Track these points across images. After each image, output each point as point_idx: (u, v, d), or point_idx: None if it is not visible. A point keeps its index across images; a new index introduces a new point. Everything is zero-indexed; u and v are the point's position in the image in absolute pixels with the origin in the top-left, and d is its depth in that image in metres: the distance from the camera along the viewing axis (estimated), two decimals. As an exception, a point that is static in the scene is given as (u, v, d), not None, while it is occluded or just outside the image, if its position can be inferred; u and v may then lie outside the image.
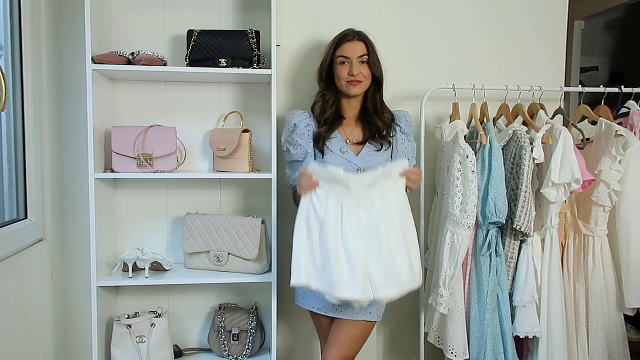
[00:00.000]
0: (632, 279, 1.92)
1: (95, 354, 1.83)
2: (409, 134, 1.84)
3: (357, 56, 1.74)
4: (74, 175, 2.02)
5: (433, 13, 2.23)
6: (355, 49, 1.75)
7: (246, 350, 2.01)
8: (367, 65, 1.76)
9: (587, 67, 4.00)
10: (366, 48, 1.76)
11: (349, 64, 1.74)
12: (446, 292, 1.83)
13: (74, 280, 2.06)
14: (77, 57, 1.95)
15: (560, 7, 2.30)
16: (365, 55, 1.75)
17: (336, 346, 1.69)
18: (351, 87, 1.75)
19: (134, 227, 2.07)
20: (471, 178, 1.78)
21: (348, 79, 1.74)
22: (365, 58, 1.75)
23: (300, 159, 1.78)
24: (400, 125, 1.82)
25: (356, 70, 1.73)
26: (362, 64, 1.75)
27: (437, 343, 1.93)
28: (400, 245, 1.56)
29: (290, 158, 1.80)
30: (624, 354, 1.98)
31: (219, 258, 1.95)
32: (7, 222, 1.77)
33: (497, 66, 2.26)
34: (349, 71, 1.74)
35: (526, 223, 1.79)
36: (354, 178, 1.55)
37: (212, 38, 1.86)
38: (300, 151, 1.77)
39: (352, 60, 1.74)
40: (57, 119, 2.01)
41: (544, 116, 1.98)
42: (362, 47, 1.76)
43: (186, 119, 2.05)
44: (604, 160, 1.89)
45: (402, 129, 1.82)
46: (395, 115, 1.84)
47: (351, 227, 1.55)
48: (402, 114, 1.85)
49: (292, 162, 1.80)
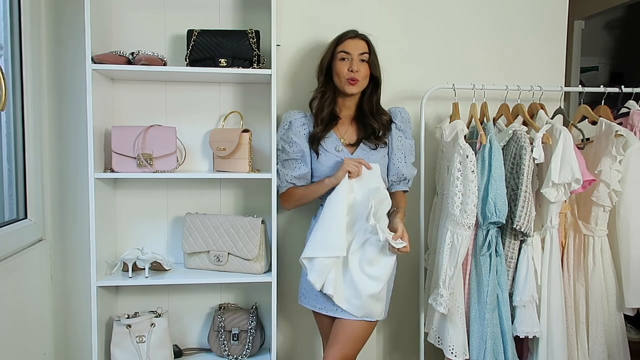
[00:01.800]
0: (632, 279, 1.92)
1: (95, 354, 1.83)
2: (405, 131, 1.84)
3: (359, 53, 1.75)
4: (74, 175, 2.02)
5: (433, 13, 2.23)
6: (357, 45, 1.76)
7: (246, 350, 2.01)
8: (367, 64, 1.76)
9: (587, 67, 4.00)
10: (367, 47, 1.78)
11: (350, 60, 1.74)
12: (446, 292, 1.83)
13: (74, 280, 2.06)
14: (77, 57, 1.95)
15: (560, 7, 2.30)
16: (366, 54, 1.76)
17: (336, 345, 1.69)
18: (349, 86, 1.75)
19: (134, 227, 2.07)
20: (471, 178, 1.78)
21: (348, 76, 1.74)
22: (365, 57, 1.76)
23: (297, 157, 1.78)
24: (395, 122, 1.83)
25: (356, 66, 1.73)
26: (362, 62, 1.75)
27: (437, 343, 1.92)
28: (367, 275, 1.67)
29: (286, 157, 1.80)
30: (624, 354, 1.98)
31: (219, 258, 1.95)
32: (7, 222, 1.77)
33: (497, 66, 2.26)
34: (349, 67, 1.74)
35: (526, 223, 1.79)
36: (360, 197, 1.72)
37: (212, 38, 1.86)
38: (296, 149, 1.77)
39: (352, 57, 1.75)
40: (57, 119, 2.01)
41: (544, 116, 1.98)
42: (363, 45, 1.77)
43: (186, 119, 2.05)
44: (604, 160, 1.88)
45: (397, 125, 1.82)
46: (391, 112, 1.84)
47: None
48: (397, 111, 1.85)
49: (287, 160, 1.80)
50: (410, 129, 1.87)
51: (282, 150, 1.81)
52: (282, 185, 1.83)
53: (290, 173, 1.80)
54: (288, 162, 1.80)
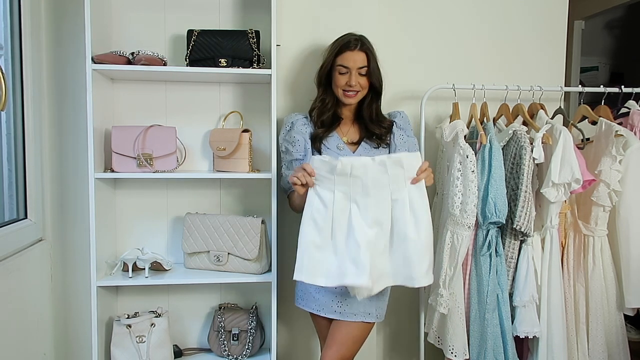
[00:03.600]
0: (632, 279, 1.92)
1: (95, 354, 1.83)
2: (406, 129, 1.83)
3: (357, 67, 1.73)
4: (74, 175, 2.02)
5: (433, 13, 2.23)
6: (356, 59, 1.73)
7: (246, 350, 2.01)
8: (366, 76, 1.75)
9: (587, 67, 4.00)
10: (367, 59, 1.74)
11: (348, 74, 1.74)
12: (446, 292, 1.83)
13: (74, 280, 2.06)
14: (77, 57, 1.95)
15: (560, 7, 2.30)
16: (365, 67, 1.74)
17: (334, 347, 1.69)
18: (347, 98, 1.76)
19: (134, 227, 2.07)
20: (471, 178, 1.78)
21: (345, 88, 1.74)
22: (364, 70, 1.74)
23: (300, 157, 1.78)
24: (396, 121, 1.82)
25: (354, 81, 1.73)
26: (361, 75, 1.74)
27: (437, 343, 1.92)
28: (408, 239, 1.53)
29: (289, 157, 1.79)
30: (624, 354, 1.98)
31: (219, 258, 1.95)
32: (7, 222, 1.77)
33: (497, 66, 2.26)
34: (347, 81, 1.73)
35: (526, 223, 1.79)
36: (357, 165, 1.51)
37: (212, 38, 1.86)
38: (299, 148, 1.77)
39: (351, 71, 1.73)
40: (57, 119, 2.01)
41: (544, 116, 1.98)
42: (362, 57, 1.74)
43: (186, 119, 2.05)
44: (604, 160, 1.88)
45: (398, 124, 1.82)
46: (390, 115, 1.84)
47: (358, 218, 1.53)
48: (397, 112, 1.86)
49: (291, 161, 1.80)
50: (411, 129, 1.87)
51: (285, 152, 1.81)
52: (287, 188, 1.82)
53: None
54: (291, 163, 1.80)
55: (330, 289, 1.70)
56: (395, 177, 1.53)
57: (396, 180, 1.53)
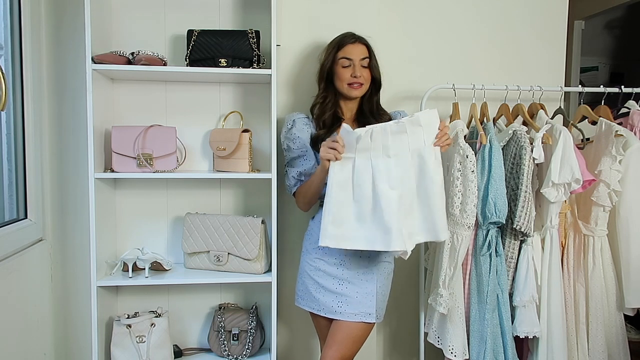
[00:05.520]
0: (632, 279, 1.92)
1: (95, 354, 1.83)
2: None
3: (360, 58, 1.76)
4: (74, 175, 2.02)
5: (433, 13, 2.23)
6: (358, 51, 1.76)
7: (246, 350, 2.01)
8: (368, 68, 1.77)
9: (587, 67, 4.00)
10: (368, 51, 1.78)
11: (352, 66, 1.75)
12: (446, 292, 1.83)
13: (74, 280, 2.06)
14: (77, 57, 1.95)
15: (560, 7, 2.30)
16: (367, 59, 1.77)
17: (334, 346, 1.69)
18: (352, 90, 1.76)
19: (134, 227, 2.07)
20: (471, 178, 1.78)
21: (350, 81, 1.75)
22: (366, 62, 1.77)
23: (301, 154, 1.78)
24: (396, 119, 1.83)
25: (358, 72, 1.74)
26: (364, 67, 1.76)
27: (437, 343, 1.92)
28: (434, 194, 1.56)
29: (291, 155, 1.80)
30: (624, 354, 1.98)
31: (219, 258, 1.95)
32: (7, 222, 1.77)
33: (497, 66, 2.26)
34: (351, 73, 1.75)
35: (526, 223, 1.79)
36: (377, 129, 1.53)
37: (212, 38, 1.86)
38: (300, 144, 1.77)
39: (354, 62, 1.75)
40: (57, 119, 2.01)
41: (544, 116, 1.98)
42: (363, 50, 1.78)
43: (186, 119, 2.05)
44: (604, 160, 1.89)
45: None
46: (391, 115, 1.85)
47: (382, 181, 1.54)
48: (397, 112, 1.87)
49: (293, 159, 1.80)
50: None
51: (287, 150, 1.81)
52: (291, 185, 1.82)
53: (296, 170, 1.79)
54: (293, 161, 1.80)
55: (330, 289, 1.71)
56: (414, 134, 1.55)
57: (416, 139, 1.55)
